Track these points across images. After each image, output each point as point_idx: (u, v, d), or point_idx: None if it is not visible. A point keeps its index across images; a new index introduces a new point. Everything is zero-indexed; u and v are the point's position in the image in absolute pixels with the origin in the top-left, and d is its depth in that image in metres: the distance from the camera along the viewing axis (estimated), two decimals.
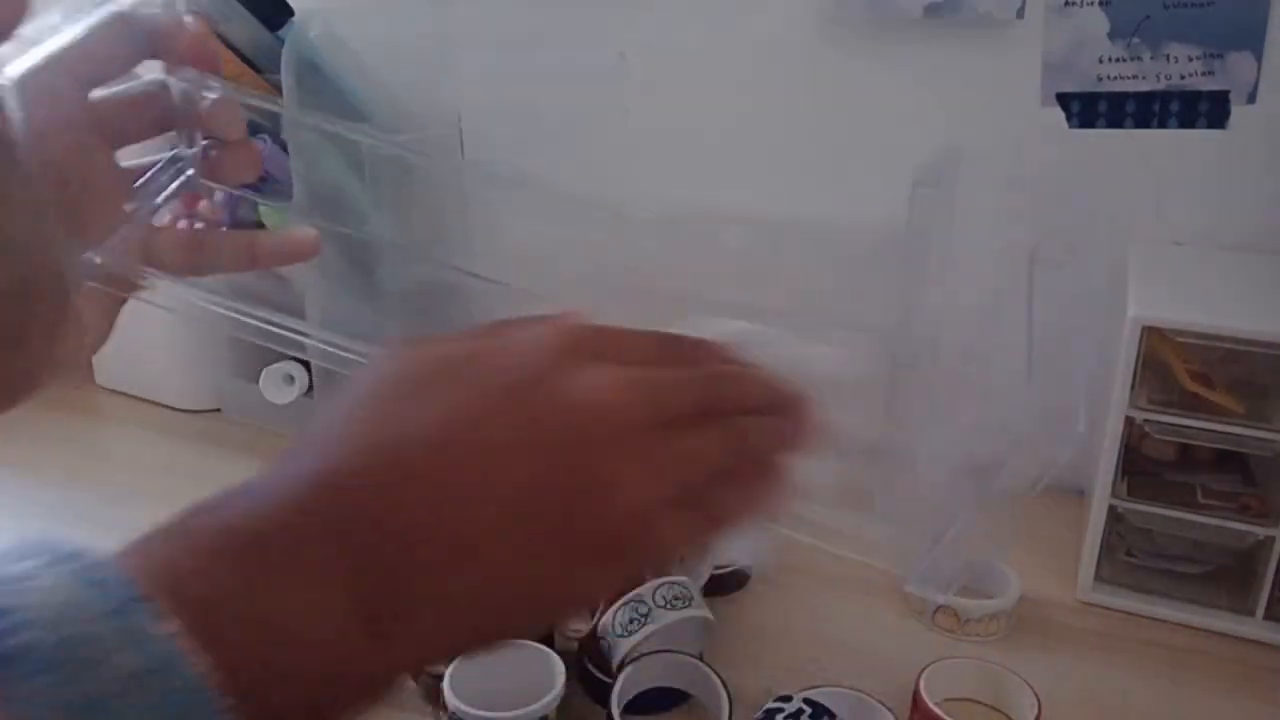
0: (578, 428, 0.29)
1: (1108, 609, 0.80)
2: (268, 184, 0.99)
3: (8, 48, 0.34)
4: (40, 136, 0.35)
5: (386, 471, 0.28)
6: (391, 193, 0.95)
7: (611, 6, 1.03)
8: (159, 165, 0.41)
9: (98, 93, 0.38)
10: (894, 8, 0.91)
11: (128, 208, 0.40)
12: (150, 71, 0.40)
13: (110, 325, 0.42)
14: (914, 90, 0.94)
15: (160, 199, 0.41)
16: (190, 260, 0.44)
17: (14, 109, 0.35)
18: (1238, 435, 0.73)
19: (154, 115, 0.40)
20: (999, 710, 0.69)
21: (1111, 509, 0.77)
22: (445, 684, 0.63)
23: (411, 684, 0.71)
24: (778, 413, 0.34)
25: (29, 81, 0.35)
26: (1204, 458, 0.80)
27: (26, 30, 0.34)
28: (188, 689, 0.23)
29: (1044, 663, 0.73)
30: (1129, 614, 0.79)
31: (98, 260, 0.38)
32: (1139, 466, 0.80)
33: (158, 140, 0.42)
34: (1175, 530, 0.78)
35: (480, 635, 0.30)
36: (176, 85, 0.39)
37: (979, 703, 0.70)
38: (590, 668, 0.70)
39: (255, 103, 0.44)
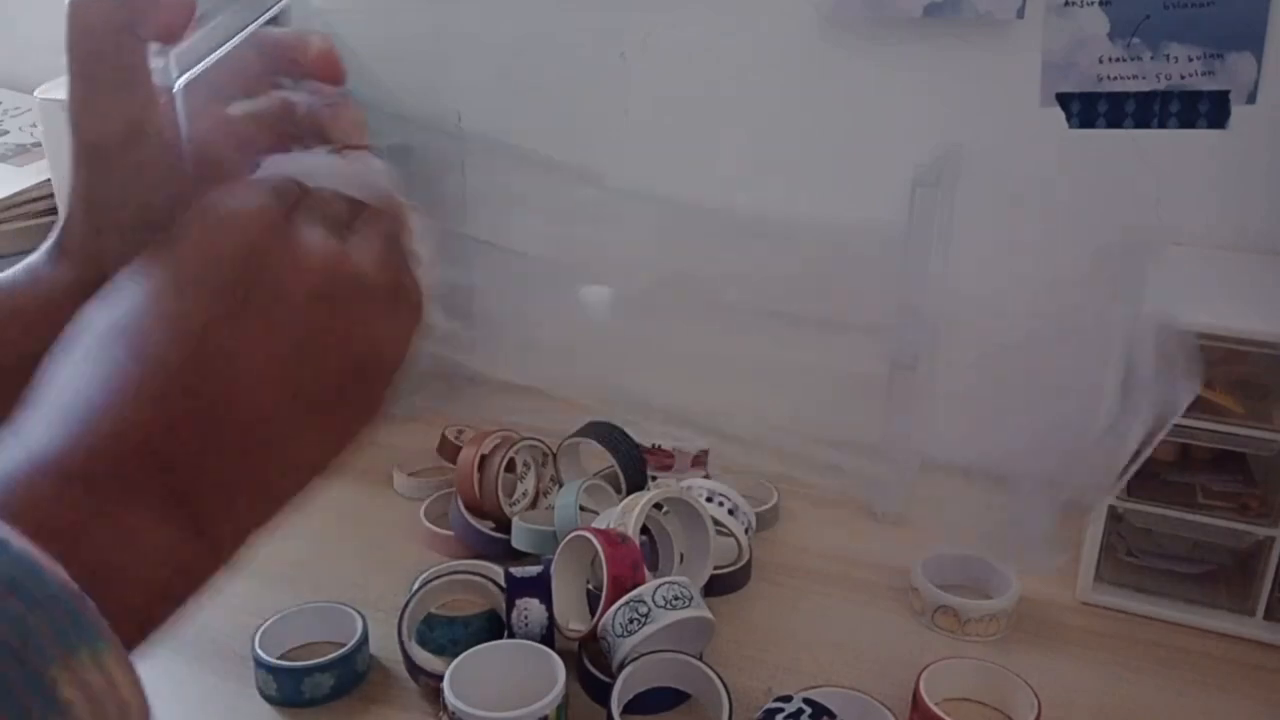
0: (309, 288, 0.33)
1: (1108, 609, 0.80)
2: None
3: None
4: (196, 150, 0.39)
5: (169, 401, 0.30)
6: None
7: (611, 6, 1.03)
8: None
9: (234, 109, 0.40)
10: (894, 8, 0.91)
11: None
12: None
13: None
14: (914, 90, 0.94)
15: None
16: None
17: (180, 110, 0.38)
18: (1238, 435, 0.73)
19: (281, 131, 0.41)
20: (999, 710, 0.69)
21: (1111, 509, 0.77)
22: (445, 684, 0.63)
23: (412, 684, 0.71)
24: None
25: (190, 87, 0.37)
26: (1204, 458, 0.80)
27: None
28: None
29: (1044, 663, 0.73)
30: (1129, 614, 0.79)
31: None
32: (1139, 466, 0.79)
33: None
34: (1175, 530, 0.78)
35: (284, 497, 0.33)
36: (302, 101, 0.41)
37: (979, 703, 0.70)
38: (590, 668, 0.70)
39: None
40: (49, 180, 1.15)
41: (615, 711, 0.63)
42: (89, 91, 0.38)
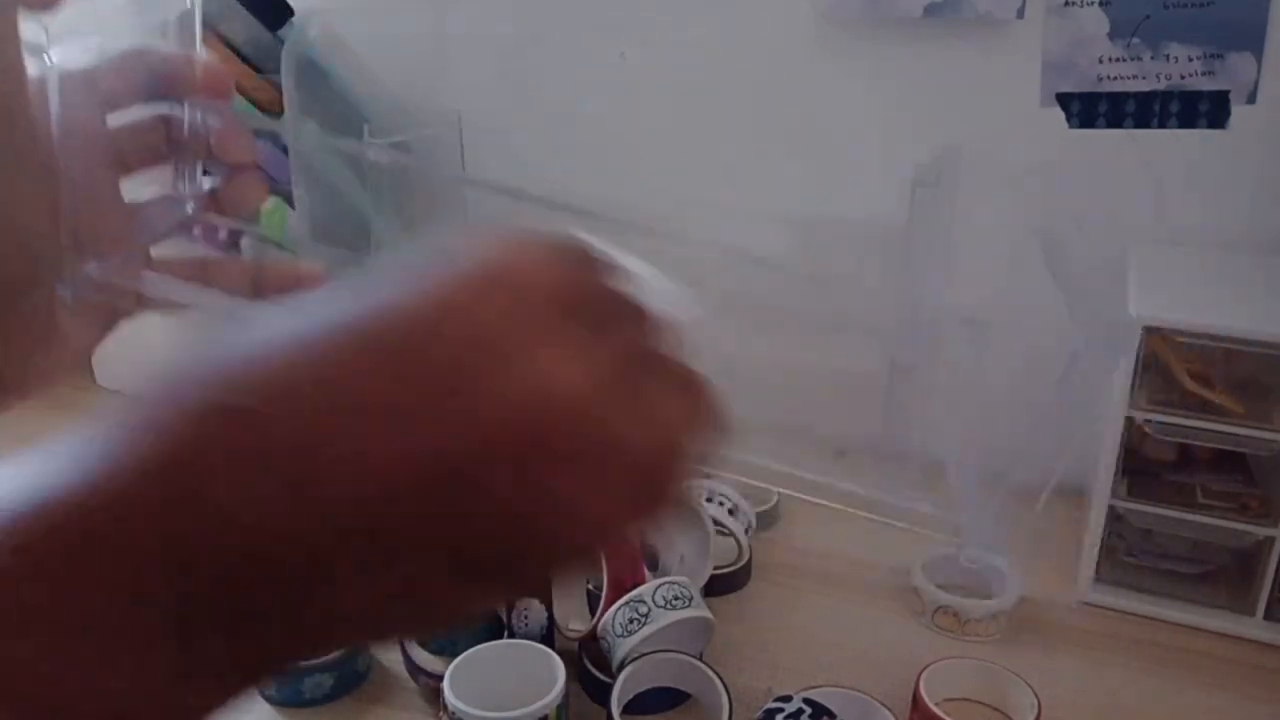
0: (519, 422, 0.22)
1: (1108, 609, 0.80)
2: (268, 182, 0.99)
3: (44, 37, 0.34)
4: (63, 144, 0.35)
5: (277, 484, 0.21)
6: (392, 195, 0.95)
7: (611, 6, 1.03)
8: (158, 200, 0.41)
9: (112, 119, 0.38)
10: (894, 8, 0.91)
11: (125, 241, 0.40)
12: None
13: (97, 340, 0.41)
14: (914, 90, 0.94)
15: (158, 234, 0.41)
16: (193, 278, 0.43)
17: (54, 98, 0.34)
18: (1238, 435, 0.73)
19: (160, 147, 0.39)
20: (999, 710, 0.69)
21: (1111, 509, 0.77)
22: (445, 684, 0.63)
23: (412, 684, 0.71)
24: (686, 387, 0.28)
25: (65, 81, 0.35)
26: (1204, 458, 0.80)
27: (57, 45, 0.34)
28: None
29: (1044, 663, 0.73)
30: (1129, 614, 0.79)
31: (95, 275, 0.37)
32: (1139, 467, 0.79)
33: (158, 171, 0.42)
34: (1175, 530, 0.78)
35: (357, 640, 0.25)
36: (187, 116, 0.39)
37: (979, 703, 0.70)
38: (590, 668, 0.70)
39: (262, 125, 0.44)
40: None
41: (615, 711, 0.63)
42: None
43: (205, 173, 0.41)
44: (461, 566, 0.23)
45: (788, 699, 0.63)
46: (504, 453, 0.22)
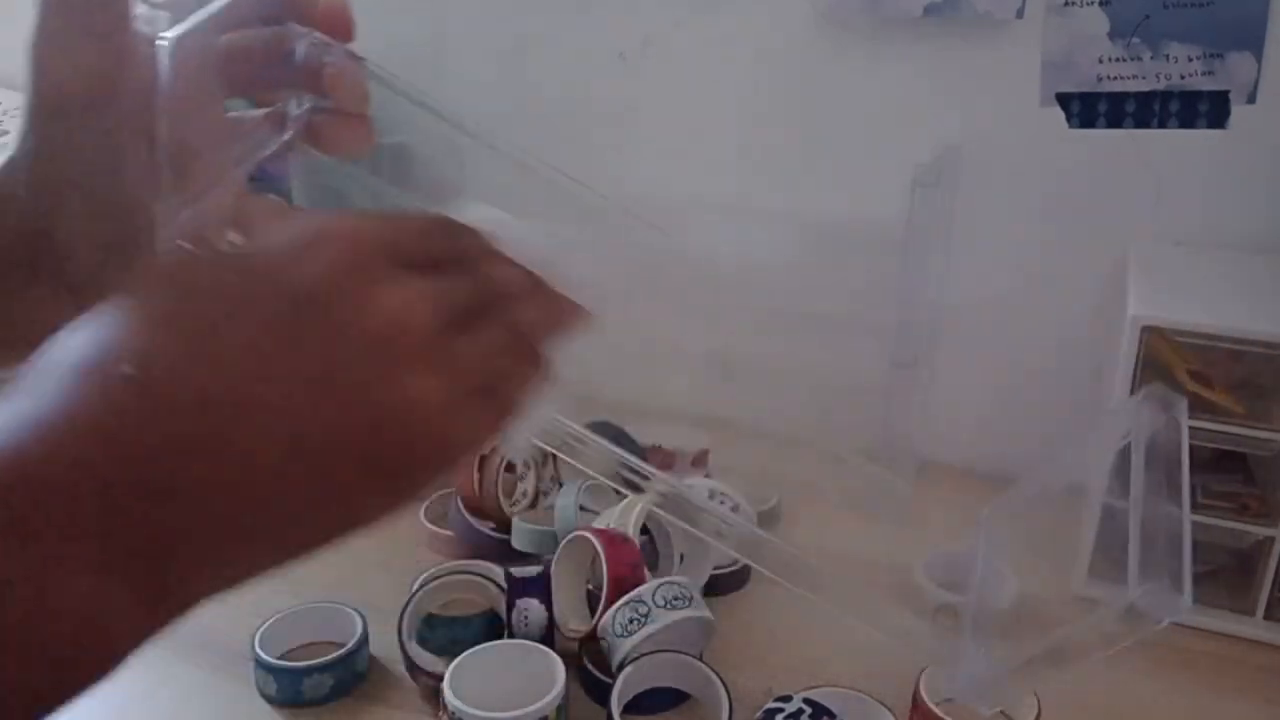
0: (372, 356, 0.28)
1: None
2: (268, 182, 0.99)
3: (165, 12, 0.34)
4: (176, 58, 0.34)
5: (152, 425, 0.25)
6: (393, 194, 0.95)
7: (611, 7, 1.03)
8: (259, 119, 0.39)
9: (224, 38, 0.37)
10: (894, 7, 0.91)
11: (228, 161, 0.39)
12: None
13: None
14: (914, 90, 0.94)
15: (259, 154, 0.39)
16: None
17: (165, 68, 0.34)
18: (1238, 435, 0.73)
19: (272, 70, 0.38)
20: (999, 710, 0.69)
21: (1109, 508, 0.77)
22: (445, 684, 0.63)
23: (412, 684, 0.71)
24: (538, 298, 0.33)
25: (182, 41, 0.34)
26: (1204, 458, 0.80)
27: None
28: None
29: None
30: None
31: (187, 222, 0.36)
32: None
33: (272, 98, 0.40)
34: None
35: (264, 568, 0.29)
36: (301, 45, 0.38)
37: None
38: (590, 668, 0.70)
39: (383, 79, 0.42)
40: None
41: (615, 711, 0.63)
42: (55, 32, 0.32)
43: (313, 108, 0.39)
44: (360, 468, 0.28)
45: (788, 699, 0.63)
46: (362, 375, 0.27)
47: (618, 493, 0.87)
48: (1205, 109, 0.85)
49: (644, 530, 0.77)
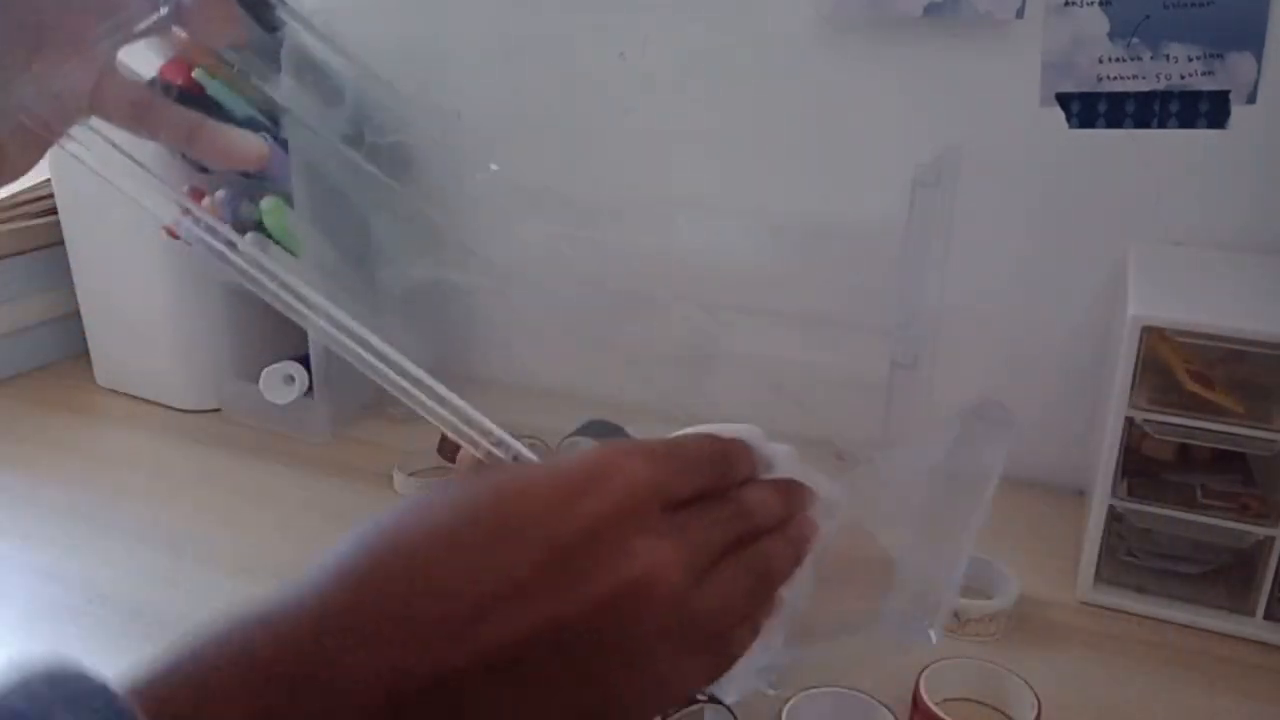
0: (616, 609, 0.29)
1: (1108, 609, 0.80)
2: (268, 181, 0.99)
3: None
4: None
5: (415, 631, 0.28)
6: (391, 194, 0.95)
7: (611, 7, 1.03)
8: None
9: None
10: (894, 8, 0.91)
11: (94, 36, 0.38)
12: None
13: (31, 163, 0.40)
14: (914, 90, 0.94)
15: (127, 32, 0.38)
16: (133, 115, 0.42)
17: None
18: (1238, 435, 0.72)
19: None
20: (999, 710, 0.69)
21: (1111, 509, 0.77)
22: None
23: None
24: (789, 531, 0.35)
25: None
26: (1204, 458, 0.80)
27: None
28: None
29: (1044, 663, 0.73)
30: (1129, 614, 0.79)
31: (36, 93, 0.35)
32: (1139, 466, 0.80)
33: None
34: (1175, 530, 0.78)
35: None
36: None
37: (979, 703, 0.70)
38: None
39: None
40: (49, 180, 1.15)
41: None
42: None
43: None
44: (576, 714, 0.29)
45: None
46: (609, 625, 0.28)
47: None
48: (1205, 109, 0.85)
49: None
